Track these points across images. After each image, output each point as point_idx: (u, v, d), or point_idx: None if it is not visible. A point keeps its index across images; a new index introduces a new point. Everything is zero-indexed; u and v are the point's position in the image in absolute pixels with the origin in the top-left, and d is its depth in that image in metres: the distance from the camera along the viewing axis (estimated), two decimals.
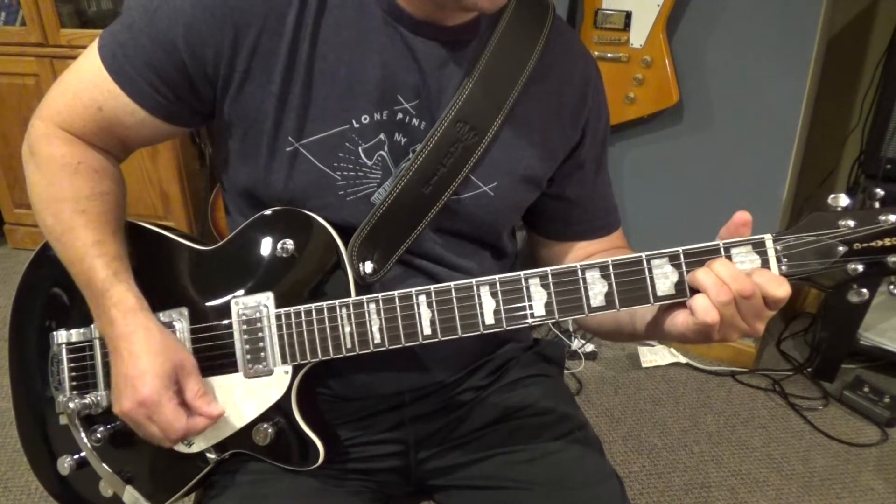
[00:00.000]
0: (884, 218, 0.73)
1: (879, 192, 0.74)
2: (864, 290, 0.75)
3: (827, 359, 2.36)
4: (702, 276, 0.75)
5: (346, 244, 0.87)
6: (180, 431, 0.83)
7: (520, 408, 1.02)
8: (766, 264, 0.75)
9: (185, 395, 0.85)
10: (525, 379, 1.06)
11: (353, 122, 0.85)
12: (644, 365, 2.48)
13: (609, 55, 2.17)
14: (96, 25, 2.85)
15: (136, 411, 0.82)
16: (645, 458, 2.07)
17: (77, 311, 0.93)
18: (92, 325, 0.92)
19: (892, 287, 0.75)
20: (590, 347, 2.50)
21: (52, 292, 0.98)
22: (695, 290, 0.75)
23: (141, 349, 0.83)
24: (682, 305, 0.77)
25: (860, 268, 0.74)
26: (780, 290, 0.73)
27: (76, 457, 0.95)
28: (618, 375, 2.44)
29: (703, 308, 0.74)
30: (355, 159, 0.86)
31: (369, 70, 0.85)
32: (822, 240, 0.74)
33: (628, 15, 2.12)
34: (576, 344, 2.50)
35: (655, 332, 0.84)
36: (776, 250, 0.75)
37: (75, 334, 0.94)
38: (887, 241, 0.73)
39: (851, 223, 0.73)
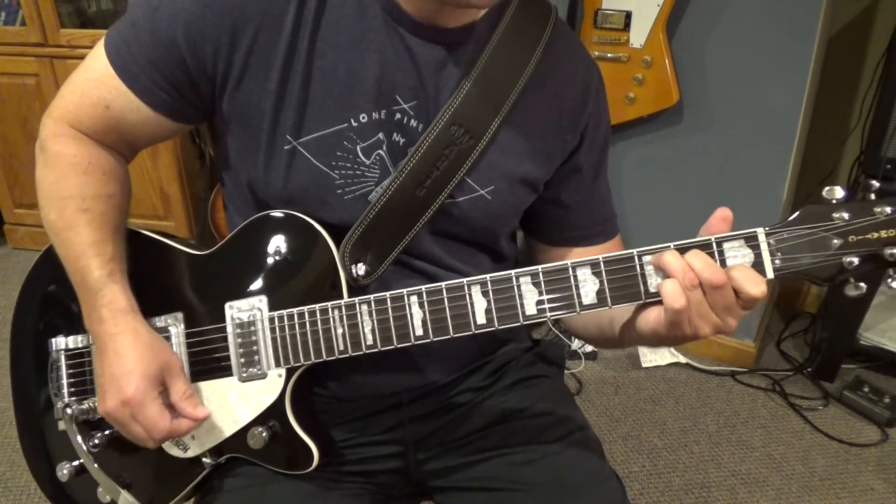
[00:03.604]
0: (879, 210, 0.71)
1: (874, 183, 0.72)
2: (862, 284, 0.73)
3: (827, 359, 2.36)
4: (670, 257, 0.74)
5: (339, 246, 0.87)
6: (164, 432, 0.83)
7: (519, 409, 1.02)
8: (759, 258, 0.74)
9: (170, 397, 0.85)
10: (525, 380, 1.06)
11: (352, 120, 0.85)
12: (644, 365, 2.47)
13: (609, 55, 2.16)
14: (96, 25, 2.84)
15: (120, 411, 0.83)
16: (645, 458, 2.07)
17: (76, 317, 0.92)
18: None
19: (890, 280, 0.73)
20: (590, 347, 2.50)
21: (53, 299, 0.98)
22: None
23: (127, 349, 0.83)
24: (658, 303, 0.76)
25: (856, 260, 0.72)
26: (756, 288, 0.72)
27: (74, 463, 0.95)
28: (618, 375, 2.43)
29: (672, 292, 0.73)
30: (353, 158, 0.86)
31: (367, 69, 0.84)
32: (816, 233, 0.73)
33: (628, 15, 2.11)
34: (576, 344, 2.49)
35: (629, 333, 0.84)
36: (769, 244, 0.74)
37: (73, 341, 0.94)
38: (883, 233, 0.71)
39: (846, 215, 0.72)
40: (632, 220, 2.41)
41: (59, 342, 0.95)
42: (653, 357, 2.49)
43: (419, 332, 0.82)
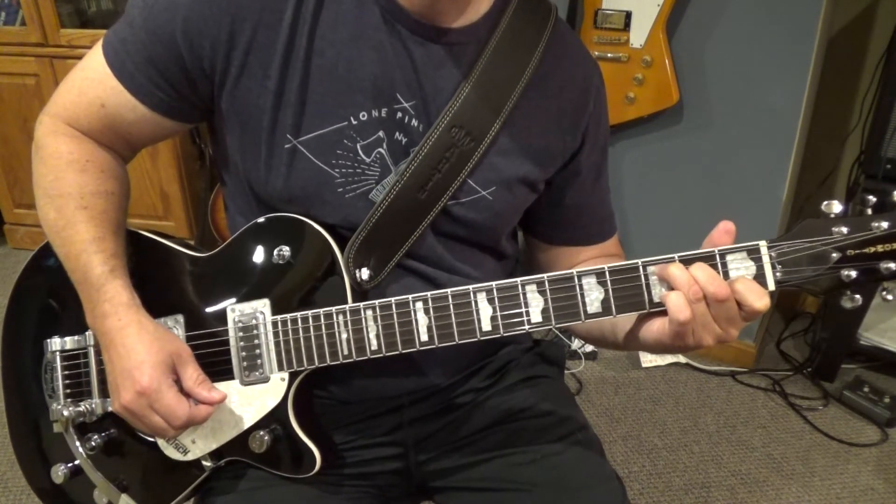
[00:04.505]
0: (876, 224, 0.73)
1: (871, 198, 0.74)
2: (858, 297, 0.76)
3: (827, 359, 2.36)
4: (675, 270, 0.75)
5: (343, 249, 0.87)
6: (183, 418, 0.82)
7: (520, 409, 1.02)
8: (760, 270, 0.75)
9: (183, 384, 0.84)
10: (525, 381, 1.06)
11: (352, 118, 0.85)
12: (644, 365, 2.48)
13: (609, 55, 2.17)
14: (96, 25, 2.85)
15: (137, 402, 0.82)
16: (645, 458, 2.07)
17: (71, 318, 0.92)
18: (86, 333, 0.92)
19: (884, 293, 0.76)
20: (590, 347, 2.50)
21: (47, 299, 0.97)
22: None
23: (135, 341, 0.83)
24: (662, 313, 0.77)
25: (853, 274, 0.74)
26: (760, 302, 0.73)
27: (70, 465, 0.94)
28: (618, 375, 2.44)
29: (677, 305, 0.74)
30: (353, 156, 0.86)
31: (365, 67, 0.84)
32: (815, 246, 0.75)
33: (628, 15, 2.11)
34: (576, 344, 2.49)
35: (633, 340, 0.84)
36: (771, 257, 0.75)
37: (69, 342, 0.93)
38: (880, 248, 0.73)
39: (844, 230, 0.74)
40: (631, 220, 2.41)
41: (55, 343, 0.93)
42: (653, 357, 2.49)
43: (424, 338, 0.82)
